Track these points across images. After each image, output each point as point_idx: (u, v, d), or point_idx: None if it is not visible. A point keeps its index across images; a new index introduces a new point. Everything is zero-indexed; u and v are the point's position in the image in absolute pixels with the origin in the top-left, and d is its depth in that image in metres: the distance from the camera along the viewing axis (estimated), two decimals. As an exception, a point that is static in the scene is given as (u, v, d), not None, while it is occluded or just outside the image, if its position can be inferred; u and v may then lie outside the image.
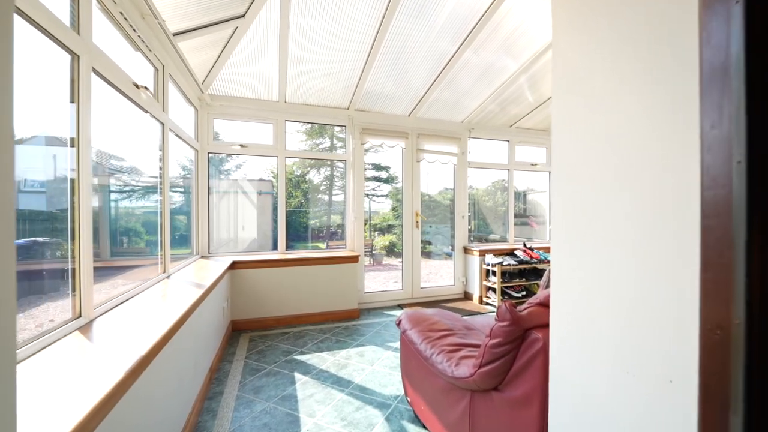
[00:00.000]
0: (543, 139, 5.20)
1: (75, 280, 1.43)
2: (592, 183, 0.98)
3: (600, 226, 0.94)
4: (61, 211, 1.47)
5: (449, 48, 3.44)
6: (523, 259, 4.33)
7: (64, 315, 1.43)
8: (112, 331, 1.42)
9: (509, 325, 1.21)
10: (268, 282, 3.55)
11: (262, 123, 3.91)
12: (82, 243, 1.46)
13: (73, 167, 1.46)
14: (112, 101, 1.97)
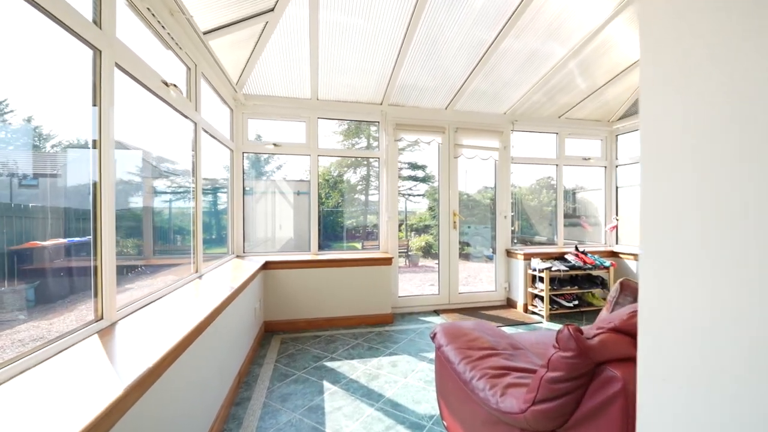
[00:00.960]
0: (598, 131, 4.68)
1: (97, 281, 1.39)
2: (709, 173, 0.70)
3: (733, 227, 0.66)
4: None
5: (487, 35, 3.17)
6: (575, 264, 3.89)
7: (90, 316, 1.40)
8: (132, 335, 1.35)
9: (574, 357, 0.96)
10: (300, 283, 3.49)
11: (295, 121, 3.86)
12: (104, 243, 1.42)
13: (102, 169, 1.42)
14: (144, 101, 1.95)
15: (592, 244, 4.84)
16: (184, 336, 1.36)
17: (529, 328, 3.55)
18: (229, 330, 2.16)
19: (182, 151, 2.52)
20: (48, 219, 1.52)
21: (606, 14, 2.99)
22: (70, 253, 1.54)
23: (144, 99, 1.94)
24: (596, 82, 3.93)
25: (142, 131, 2.34)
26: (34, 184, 1.48)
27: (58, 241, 1.50)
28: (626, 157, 4.57)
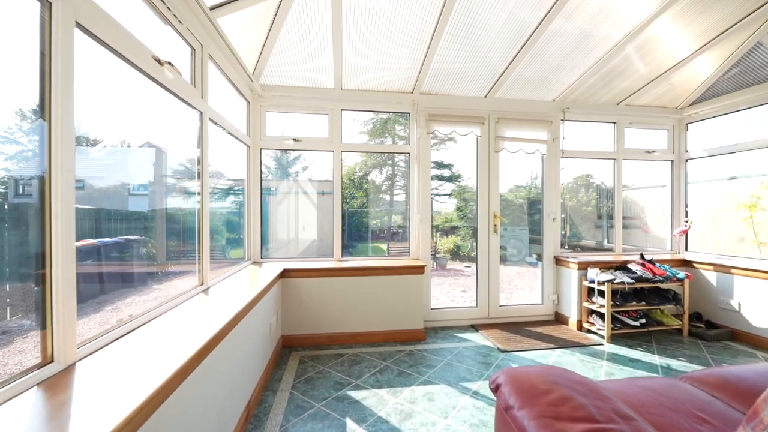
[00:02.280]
0: (664, 119, 4.00)
1: (45, 311, 1.04)
2: None
3: None
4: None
5: (533, 16, 2.72)
6: (641, 276, 3.28)
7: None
8: (95, 383, 1.00)
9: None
10: (321, 293, 3.11)
11: (317, 114, 3.50)
12: (55, 261, 1.07)
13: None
14: (139, 85, 1.63)
15: (653, 250, 4.17)
16: (160, 385, 0.99)
17: (587, 351, 2.99)
18: (234, 357, 1.81)
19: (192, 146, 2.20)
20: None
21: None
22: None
23: (138, 83, 1.62)
24: (661, 65, 3.30)
25: (139, 122, 2.04)
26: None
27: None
28: (699, 149, 3.87)
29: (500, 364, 2.73)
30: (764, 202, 3.51)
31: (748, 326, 3.16)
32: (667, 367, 2.67)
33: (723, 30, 2.91)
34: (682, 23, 2.84)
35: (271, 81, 3.25)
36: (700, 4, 2.65)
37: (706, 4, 2.66)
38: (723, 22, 2.84)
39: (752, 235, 3.57)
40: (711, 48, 3.08)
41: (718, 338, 3.23)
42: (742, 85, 3.39)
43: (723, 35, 2.94)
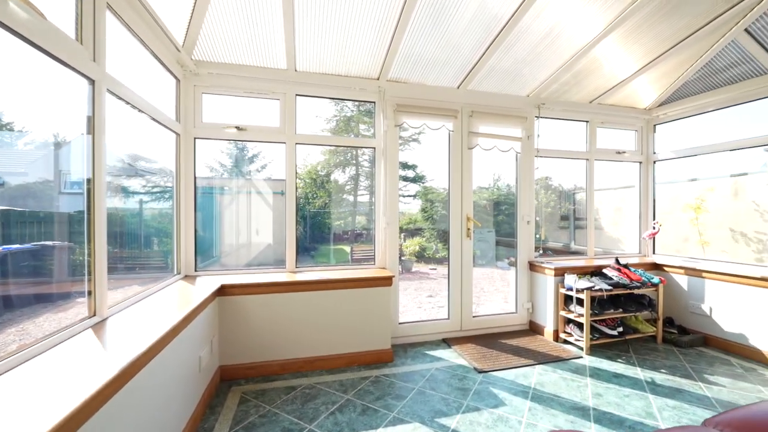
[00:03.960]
0: (633, 119, 3.93)
1: None
2: None
3: None
4: None
5: (503, 11, 2.53)
6: (619, 282, 3.12)
7: None
8: None
9: None
10: (270, 313, 2.59)
11: (266, 98, 2.97)
12: None
13: None
14: None
15: (620, 253, 4.10)
16: None
17: (568, 366, 2.75)
18: (136, 416, 1.27)
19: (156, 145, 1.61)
20: None
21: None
22: None
23: None
24: (630, 65, 3.19)
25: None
26: None
27: None
28: (667, 151, 3.84)
29: (479, 390, 2.39)
30: (707, 204, 3.59)
31: (719, 331, 3.10)
32: (652, 382, 2.48)
33: (691, 32, 2.82)
34: (651, 26, 2.73)
35: (207, 56, 2.68)
36: (669, 6, 2.56)
37: (675, 6, 2.56)
38: (691, 24, 2.75)
39: (697, 235, 3.66)
40: (679, 50, 2.99)
41: (692, 344, 3.15)
42: (710, 87, 3.35)
43: (691, 37, 2.85)
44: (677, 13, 2.65)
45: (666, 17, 2.68)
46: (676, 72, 3.37)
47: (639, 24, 2.71)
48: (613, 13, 2.59)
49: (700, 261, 3.45)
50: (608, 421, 2.03)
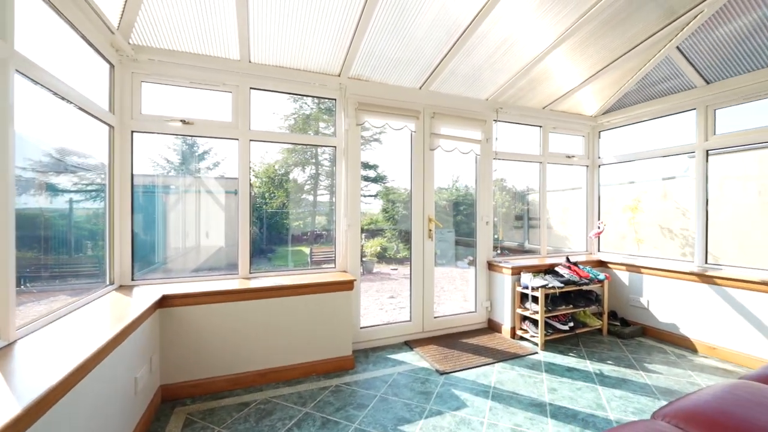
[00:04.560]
0: (581, 125, 4.19)
1: None
2: None
3: None
4: None
5: (463, 16, 2.56)
6: (570, 279, 3.29)
7: None
8: None
9: None
10: (220, 324, 2.38)
11: (216, 90, 2.73)
12: None
13: None
14: None
15: (569, 251, 4.36)
16: None
17: (525, 363, 2.84)
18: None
19: None
20: None
21: (588, 3, 2.45)
22: None
23: None
24: (577, 75, 3.39)
25: None
26: None
27: None
28: (610, 156, 4.14)
29: (441, 392, 2.37)
30: (643, 205, 3.96)
31: (655, 322, 3.39)
32: (600, 374, 2.63)
33: (631, 47, 3.05)
34: (596, 40, 2.92)
35: (148, 41, 2.40)
36: (612, 23, 2.74)
37: (617, 23, 2.75)
38: (632, 40, 2.97)
39: (633, 233, 4.03)
40: (621, 63, 3.22)
41: (633, 335, 3.40)
42: (647, 98, 3.65)
43: (631, 52, 3.08)
44: (619, 30, 2.84)
45: (609, 32, 2.86)
46: (618, 83, 3.63)
47: (586, 38, 2.87)
48: (564, 26, 2.71)
49: (639, 258, 3.76)
50: (563, 416, 2.11)
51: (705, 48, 2.97)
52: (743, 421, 1.19)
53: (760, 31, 2.65)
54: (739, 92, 2.99)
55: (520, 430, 1.97)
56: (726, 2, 2.58)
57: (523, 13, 2.55)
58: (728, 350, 2.86)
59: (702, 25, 2.79)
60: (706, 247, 3.22)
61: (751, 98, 2.95)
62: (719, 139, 3.16)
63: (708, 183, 3.24)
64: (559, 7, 2.53)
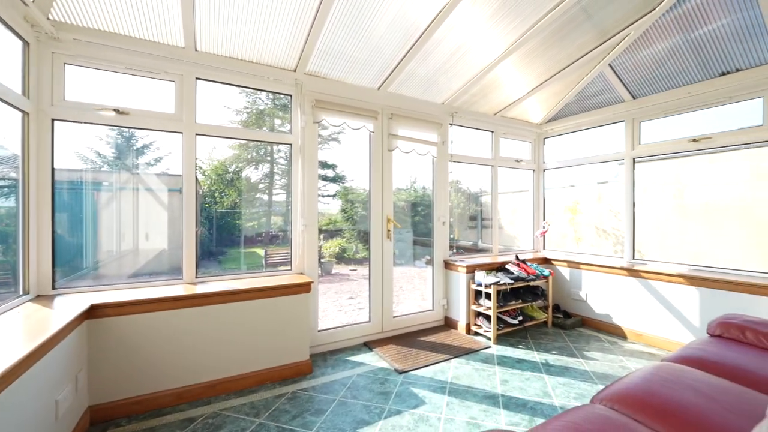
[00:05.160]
0: (528, 132, 4.47)
1: None
2: None
3: None
4: None
5: (420, 20, 2.60)
6: (519, 276, 3.49)
7: None
8: None
9: None
10: (162, 333, 2.18)
11: (157, 78, 2.50)
12: None
13: None
14: None
15: (518, 249, 4.64)
16: None
17: (479, 357, 2.95)
18: None
19: None
20: None
21: (535, 18, 2.64)
22: None
23: None
24: (527, 85, 3.63)
25: None
26: None
27: None
28: (554, 161, 4.46)
29: (400, 391, 2.38)
30: (581, 207, 4.35)
31: (592, 313, 3.71)
32: (546, 364, 2.82)
33: (571, 62, 3.32)
34: (541, 53, 3.15)
35: (73, 18, 2.12)
36: (555, 38, 2.97)
37: (559, 39, 2.99)
38: (572, 55, 3.24)
39: (573, 232, 4.41)
40: (562, 76, 3.50)
41: (574, 326, 3.70)
42: (585, 109, 3.99)
43: (571, 66, 3.36)
44: (561, 45, 3.07)
45: (553, 47, 3.08)
46: (560, 94, 3.93)
47: (533, 50, 3.07)
48: (513, 37, 2.87)
49: (578, 255, 4.09)
50: (514, 406, 2.22)
51: (632, 67, 3.31)
52: (665, 399, 1.32)
53: (676, 56, 3.02)
54: (660, 107, 3.38)
55: (475, 422, 2.04)
56: (648, 28, 2.90)
57: (476, 22, 2.66)
58: (652, 336, 3.22)
59: (630, 46, 3.12)
60: (633, 245, 3.60)
61: (670, 113, 3.35)
62: (643, 149, 3.54)
63: (635, 187, 3.62)
64: (509, 18, 2.68)
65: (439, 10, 2.49)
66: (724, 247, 3.12)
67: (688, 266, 3.18)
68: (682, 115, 3.29)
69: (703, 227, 3.26)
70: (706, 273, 2.94)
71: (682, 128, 3.33)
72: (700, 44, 2.86)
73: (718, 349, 1.81)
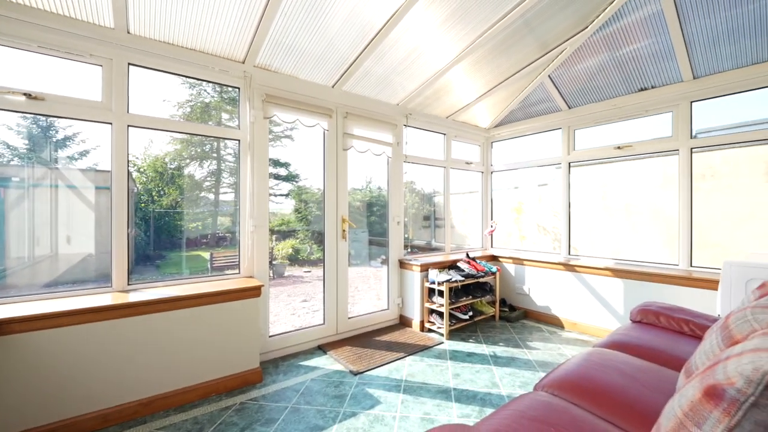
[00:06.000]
0: (477, 135, 4.69)
1: None
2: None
3: None
4: None
5: (376, 19, 2.62)
6: (469, 273, 3.64)
7: None
8: None
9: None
10: (87, 349, 1.93)
11: (81, 61, 2.22)
12: None
13: None
14: None
15: (468, 247, 4.85)
16: None
17: (432, 353, 3.03)
18: None
19: None
20: None
21: (484, 27, 2.79)
22: None
23: None
24: (476, 91, 3.82)
25: None
26: None
27: None
28: (501, 164, 4.73)
29: (356, 393, 2.36)
30: (525, 207, 4.69)
31: (534, 306, 3.99)
32: (494, 355, 2.97)
33: (515, 71, 3.55)
34: (489, 61, 3.33)
35: (-33, -18, 1.81)
36: (501, 48, 3.15)
37: (505, 49, 3.18)
38: (516, 65, 3.47)
39: (517, 231, 4.75)
40: (507, 84, 3.73)
41: (518, 318, 3.94)
42: (527, 116, 4.28)
43: (515, 75, 3.59)
44: (507, 55, 3.26)
45: (500, 56, 3.26)
46: (506, 101, 4.17)
47: (482, 57, 3.23)
48: (464, 44, 2.99)
49: (522, 252, 4.38)
50: (465, 398, 2.30)
51: (568, 79, 3.62)
52: (597, 382, 1.46)
53: (604, 72, 3.35)
54: (591, 117, 3.73)
55: (429, 418, 2.08)
56: (581, 44, 3.19)
57: (429, 26, 2.73)
58: (585, 324, 3.54)
59: (566, 60, 3.40)
60: (569, 242, 3.93)
61: (599, 122, 3.71)
62: (577, 154, 3.89)
63: (570, 189, 3.96)
64: (461, 26, 2.78)
65: (394, 11, 2.52)
66: (641, 243, 3.53)
67: (613, 260, 3.55)
68: (609, 125, 3.67)
69: (625, 226, 3.67)
70: (628, 266, 3.30)
71: (609, 137, 3.71)
72: (623, 62, 3.21)
73: (639, 333, 2.03)
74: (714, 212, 3.10)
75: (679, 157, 3.14)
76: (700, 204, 3.11)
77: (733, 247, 3.21)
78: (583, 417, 1.25)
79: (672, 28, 2.76)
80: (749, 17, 2.51)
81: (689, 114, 3.09)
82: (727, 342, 1.16)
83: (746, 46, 2.68)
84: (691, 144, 3.08)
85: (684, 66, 2.97)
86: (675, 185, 3.21)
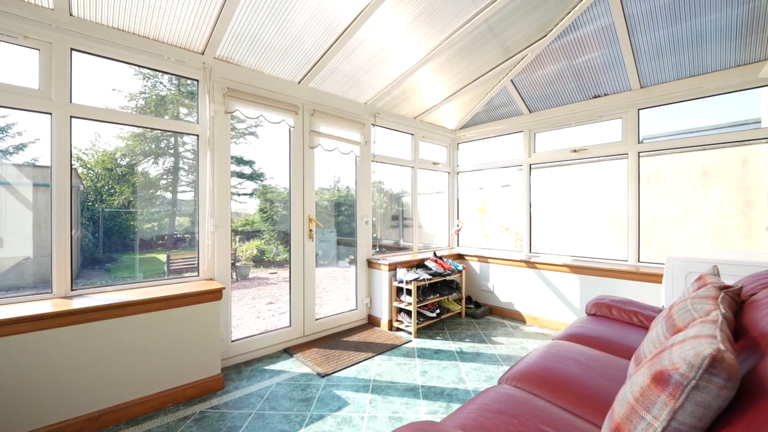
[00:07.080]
0: (444, 137, 4.78)
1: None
2: None
3: None
4: None
5: (343, 15, 2.58)
6: (436, 271, 3.70)
7: None
8: None
9: None
10: (22, 361, 1.74)
11: (13, 44, 1.99)
12: None
13: None
14: None
15: (436, 246, 4.94)
16: None
17: (401, 352, 3.04)
18: None
19: None
20: None
21: (449, 30, 2.86)
22: None
23: None
24: (442, 93, 3.90)
25: None
26: None
27: None
28: (466, 165, 4.85)
29: (323, 396, 2.32)
30: (489, 207, 4.87)
31: (498, 302, 4.14)
32: (460, 352, 3.04)
33: (480, 75, 3.66)
34: (454, 65, 3.41)
35: None
36: (466, 51, 3.24)
37: (469, 53, 3.27)
38: (480, 69, 3.57)
39: (482, 230, 4.92)
40: (472, 87, 3.84)
41: (483, 315, 4.07)
42: (492, 119, 4.43)
43: (479, 79, 3.71)
44: (472, 58, 3.35)
45: (465, 59, 3.34)
46: (471, 104, 4.29)
47: (448, 60, 3.29)
48: (431, 45, 3.03)
49: (486, 250, 4.52)
50: (433, 395, 2.33)
51: (529, 84, 3.79)
52: (556, 373, 1.52)
53: (561, 78, 3.54)
54: (550, 121, 3.92)
55: (397, 416, 2.08)
56: (541, 51, 3.34)
57: (397, 27, 2.73)
58: (545, 318, 3.72)
59: (527, 66, 3.55)
60: (530, 240, 4.12)
61: (557, 126, 3.91)
62: (538, 156, 4.08)
63: (531, 190, 4.15)
64: (427, 27, 2.81)
65: (362, 9, 2.50)
66: (596, 241, 3.77)
67: (571, 257, 3.76)
68: (567, 129, 3.88)
69: (581, 224, 3.90)
70: (583, 263, 3.51)
71: (567, 140, 3.92)
72: (579, 70, 3.41)
73: (593, 325, 2.16)
74: (659, 212, 3.37)
75: (628, 160, 3.39)
76: (647, 204, 3.37)
77: (675, 244, 3.51)
78: (543, 407, 1.30)
79: (622, 39, 2.97)
80: (688, 32, 2.76)
81: (637, 120, 3.34)
82: (671, 330, 1.25)
83: (686, 59, 2.94)
84: (638, 148, 3.33)
85: (632, 75, 3.21)
86: (625, 187, 3.46)
